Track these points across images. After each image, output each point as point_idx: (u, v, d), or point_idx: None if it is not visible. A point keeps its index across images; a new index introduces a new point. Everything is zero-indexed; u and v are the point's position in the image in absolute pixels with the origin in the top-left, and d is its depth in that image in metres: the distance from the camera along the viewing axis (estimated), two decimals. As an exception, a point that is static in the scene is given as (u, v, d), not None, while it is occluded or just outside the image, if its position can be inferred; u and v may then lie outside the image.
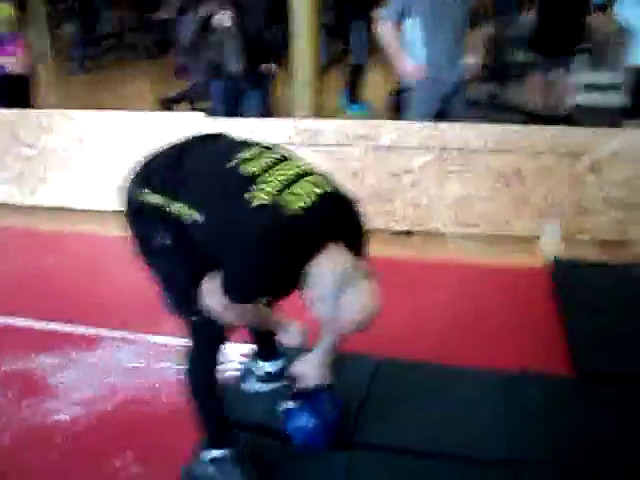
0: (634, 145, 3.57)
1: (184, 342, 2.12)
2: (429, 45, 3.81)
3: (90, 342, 3.05)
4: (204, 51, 4.06)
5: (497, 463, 2.20)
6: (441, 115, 3.89)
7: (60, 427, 2.53)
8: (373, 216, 3.71)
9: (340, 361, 2.32)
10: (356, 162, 3.85)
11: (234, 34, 4.02)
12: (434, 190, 3.83)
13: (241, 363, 2.71)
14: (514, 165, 3.71)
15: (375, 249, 1.95)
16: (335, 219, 1.86)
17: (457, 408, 2.46)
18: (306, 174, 1.87)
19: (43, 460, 2.37)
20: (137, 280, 3.38)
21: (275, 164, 1.89)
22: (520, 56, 5.87)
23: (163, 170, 1.98)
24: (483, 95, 5.92)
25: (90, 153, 4.29)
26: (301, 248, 1.78)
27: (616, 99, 5.41)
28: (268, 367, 2.56)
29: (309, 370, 2.24)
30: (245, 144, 2.01)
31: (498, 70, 6.25)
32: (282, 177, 1.83)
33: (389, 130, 3.79)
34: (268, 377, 2.57)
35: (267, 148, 1.98)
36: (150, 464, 2.34)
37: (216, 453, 2.18)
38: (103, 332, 3.12)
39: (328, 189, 1.86)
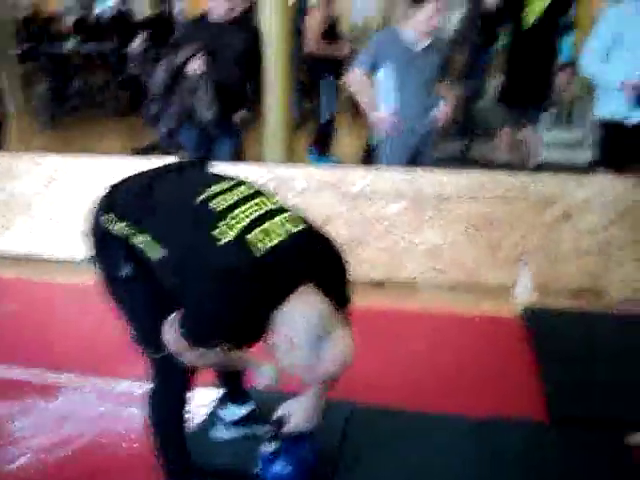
0: (605, 192, 3.59)
1: (147, 388, 2.03)
2: (400, 95, 3.84)
3: (50, 389, 2.91)
4: (176, 98, 4.04)
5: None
6: (411, 164, 3.90)
7: (17, 475, 2.39)
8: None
9: None
10: (327, 209, 3.81)
11: (206, 81, 4.02)
12: (407, 237, 3.80)
13: (206, 408, 2.60)
14: (485, 212, 3.70)
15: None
16: (309, 259, 1.75)
17: (432, 454, 2.40)
18: (279, 211, 1.79)
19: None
20: (100, 328, 3.38)
21: (247, 200, 1.80)
22: (489, 114, 5.98)
23: (132, 197, 1.91)
24: (453, 151, 6.00)
25: (56, 199, 4.19)
26: (270, 290, 1.67)
27: (582, 156, 5.55)
28: (237, 411, 2.45)
29: (299, 413, 2.10)
30: (218, 177, 1.95)
31: (467, 126, 6.35)
32: (253, 214, 1.75)
33: (360, 176, 3.78)
34: (237, 422, 2.46)
35: (240, 183, 1.90)
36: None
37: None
38: (64, 379, 2.98)
39: (302, 227, 1.77)
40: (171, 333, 1.77)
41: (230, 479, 2.28)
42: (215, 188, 1.83)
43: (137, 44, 7.97)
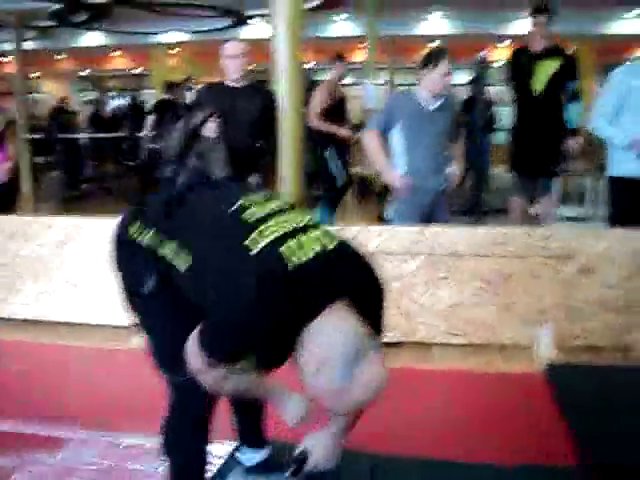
0: (625, 244, 3.54)
1: (154, 442, 1.93)
2: (412, 154, 3.87)
3: (54, 443, 2.78)
4: (190, 160, 4.07)
5: None
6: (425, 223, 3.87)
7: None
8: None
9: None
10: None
11: (221, 144, 4.06)
12: (422, 297, 3.73)
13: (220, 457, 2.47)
14: (500, 269, 3.64)
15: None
16: (345, 276, 1.66)
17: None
18: (315, 227, 1.72)
19: None
20: (109, 387, 3.29)
21: (281, 212, 1.74)
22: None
23: (161, 207, 1.86)
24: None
25: (68, 261, 4.16)
26: (303, 304, 1.56)
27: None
28: (254, 456, 2.33)
29: (320, 450, 1.97)
30: (252, 191, 1.91)
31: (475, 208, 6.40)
32: (287, 227, 1.67)
33: (375, 235, 3.74)
34: (254, 468, 2.33)
35: (274, 197, 1.86)
36: None
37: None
38: (67, 434, 2.86)
39: (337, 242, 1.69)
40: (194, 349, 1.66)
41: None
42: (249, 200, 1.77)
43: (149, 122, 8.36)
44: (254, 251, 1.59)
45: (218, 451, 2.52)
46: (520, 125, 4.90)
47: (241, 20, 11.36)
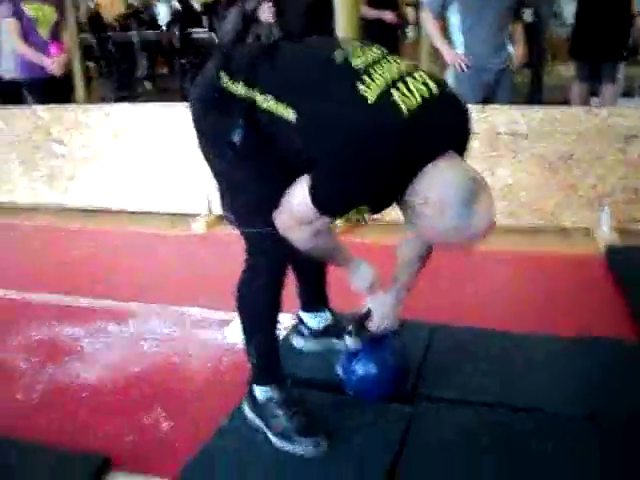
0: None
1: (220, 315, 1.96)
2: (471, 33, 3.75)
3: (122, 315, 2.91)
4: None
5: (568, 416, 2.00)
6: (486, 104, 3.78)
7: (88, 386, 2.39)
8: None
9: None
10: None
11: (276, 28, 3.99)
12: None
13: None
14: (562, 150, 3.56)
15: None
16: (450, 121, 1.64)
17: (522, 369, 2.27)
18: (416, 69, 1.66)
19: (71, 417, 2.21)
20: (170, 267, 3.40)
21: (383, 58, 1.66)
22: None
23: (252, 58, 1.73)
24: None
25: (126, 150, 4.22)
26: (420, 150, 1.55)
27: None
28: (313, 322, 2.38)
29: (383, 310, 2.02)
30: (345, 40, 1.85)
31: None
32: (393, 70, 1.61)
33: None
34: (313, 333, 2.39)
35: (371, 45, 1.75)
36: (181, 420, 2.16)
37: (261, 392, 1.98)
38: (135, 306, 2.98)
39: (439, 85, 1.63)
40: (294, 201, 1.65)
41: (309, 387, 2.19)
42: (348, 47, 1.70)
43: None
44: (371, 99, 1.54)
45: (284, 320, 2.60)
46: (586, 6, 4.65)
47: None
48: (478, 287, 3.10)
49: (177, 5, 12.04)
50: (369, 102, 1.53)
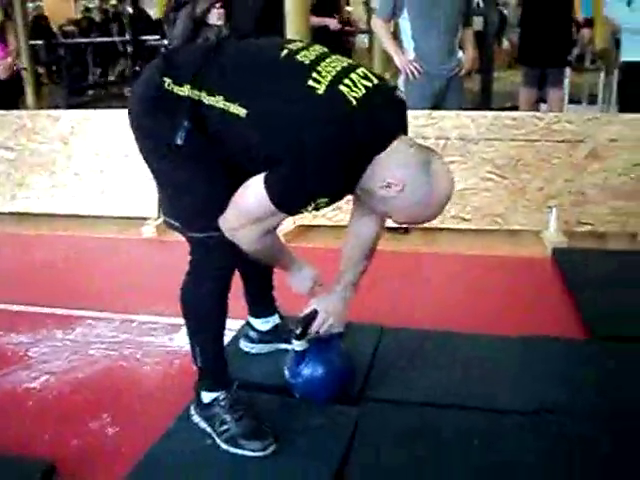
0: (635, 130, 3.49)
1: (170, 320, 1.95)
2: (421, 39, 3.79)
3: (68, 321, 2.86)
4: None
5: (508, 412, 2.04)
6: (436, 109, 3.82)
7: (33, 394, 2.33)
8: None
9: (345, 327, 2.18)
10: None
11: (226, 31, 3.97)
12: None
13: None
14: (510, 154, 3.62)
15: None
16: (392, 110, 1.72)
17: (471, 367, 2.30)
18: (357, 66, 1.72)
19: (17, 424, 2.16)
20: (119, 272, 3.35)
21: (325, 56, 1.72)
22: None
23: (197, 59, 1.74)
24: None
25: (75, 155, 4.16)
26: (374, 135, 1.63)
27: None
28: (262, 326, 2.38)
29: (328, 311, 2.03)
30: (289, 39, 1.94)
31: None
32: (337, 66, 1.67)
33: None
34: (261, 337, 2.39)
35: (312, 43, 1.83)
36: (128, 425, 2.13)
37: (208, 397, 1.96)
38: (81, 313, 2.93)
39: (379, 82, 1.70)
40: (247, 200, 1.66)
41: (257, 391, 2.19)
42: (292, 46, 1.74)
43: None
44: (321, 92, 1.59)
45: (232, 326, 2.59)
46: (529, 14, 4.74)
47: None
48: (428, 289, 3.13)
49: (130, 11, 11.97)
50: (320, 95, 1.59)
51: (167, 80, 1.72)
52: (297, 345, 2.06)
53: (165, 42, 7.89)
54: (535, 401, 2.07)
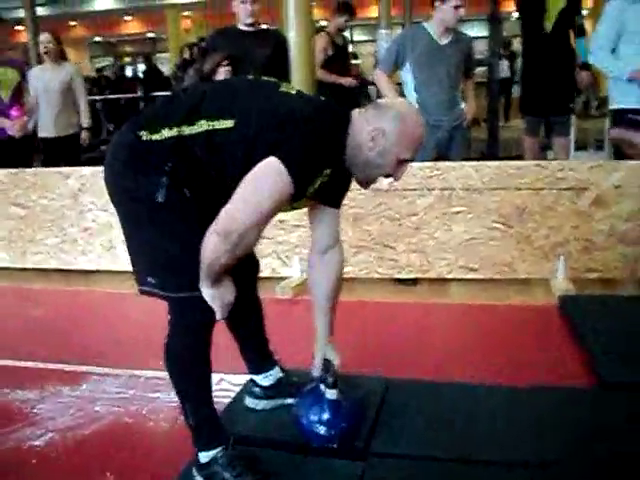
0: (638, 177, 3.51)
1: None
2: (423, 91, 3.86)
3: (74, 378, 2.86)
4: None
5: (515, 465, 2.00)
6: (440, 160, 3.86)
7: (37, 452, 2.31)
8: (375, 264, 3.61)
9: (350, 380, 2.22)
10: (356, 208, 3.77)
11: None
12: (438, 233, 3.73)
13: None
14: (515, 203, 3.63)
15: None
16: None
17: (477, 420, 2.26)
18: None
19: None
20: (126, 327, 3.36)
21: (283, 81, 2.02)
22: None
23: (168, 104, 1.92)
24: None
25: (85, 212, 4.22)
26: (339, 114, 1.93)
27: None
28: (263, 380, 2.36)
29: (333, 352, 2.15)
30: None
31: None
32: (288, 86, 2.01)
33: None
34: (265, 392, 2.37)
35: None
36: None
37: (205, 456, 1.95)
38: (89, 369, 2.93)
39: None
40: (260, 186, 1.74)
41: (263, 446, 2.17)
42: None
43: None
44: (293, 94, 1.93)
45: (238, 381, 2.59)
46: (530, 64, 4.75)
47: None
48: (438, 339, 3.12)
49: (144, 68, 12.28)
50: (294, 95, 1.93)
51: (142, 133, 1.80)
52: (331, 394, 2.07)
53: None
54: (543, 453, 2.04)
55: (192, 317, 1.89)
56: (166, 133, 1.79)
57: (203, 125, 1.78)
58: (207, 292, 1.83)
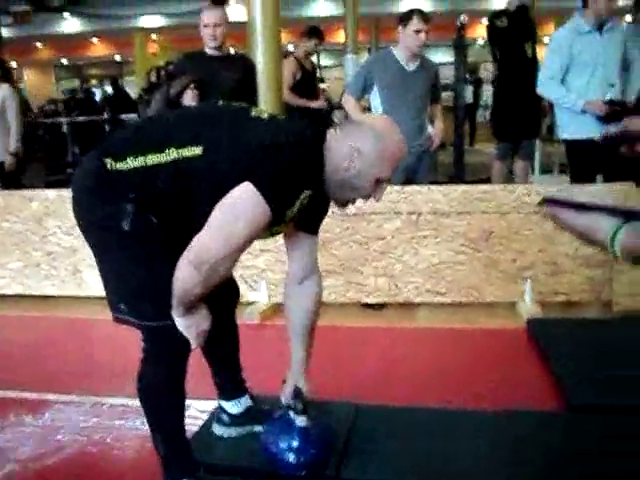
0: (603, 200, 3.54)
1: (139, 403, 1.94)
2: (391, 115, 3.85)
3: (37, 406, 2.78)
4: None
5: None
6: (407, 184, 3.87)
7: None
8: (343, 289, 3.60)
9: (320, 407, 2.19)
10: (323, 232, 3.74)
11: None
12: (405, 258, 3.74)
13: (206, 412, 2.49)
14: (482, 227, 3.66)
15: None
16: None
17: (446, 445, 2.25)
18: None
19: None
20: (88, 353, 3.30)
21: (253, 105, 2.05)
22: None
23: (135, 131, 1.90)
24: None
25: (49, 235, 4.14)
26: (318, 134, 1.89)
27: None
28: (233, 409, 2.32)
29: (303, 379, 2.14)
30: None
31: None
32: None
33: (356, 197, 3.73)
34: (233, 420, 2.33)
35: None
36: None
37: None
38: (51, 397, 2.86)
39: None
40: (234, 213, 1.70)
41: (230, 475, 2.14)
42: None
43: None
44: (265, 118, 1.88)
45: (205, 407, 2.56)
46: (507, 89, 4.83)
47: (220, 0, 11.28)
48: (405, 364, 3.11)
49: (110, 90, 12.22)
50: (264, 119, 1.88)
51: (107, 160, 1.78)
52: (300, 421, 2.05)
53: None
54: (514, 477, 2.04)
55: (165, 346, 1.86)
56: (131, 162, 1.76)
57: (172, 153, 1.75)
58: (180, 321, 1.80)
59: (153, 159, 1.75)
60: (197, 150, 1.74)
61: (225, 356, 2.28)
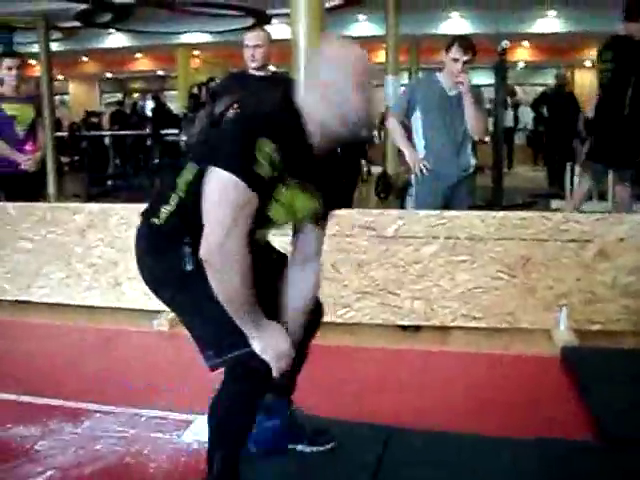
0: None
1: (178, 416, 1.97)
2: (431, 139, 3.93)
3: (77, 414, 2.85)
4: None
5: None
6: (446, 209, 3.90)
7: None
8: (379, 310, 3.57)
9: (350, 430, 2.22)
10: (361, 254, 3.80)
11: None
12: (442, 282, 3.75)
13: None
14: (519, 254, 3.66)
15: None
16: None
17: (480, 470, 2.27)
18: None
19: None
20: (129, 365, 3.37)
21: None
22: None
23: (161, 180, 2.02)
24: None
25: (93, 247, 4.25)
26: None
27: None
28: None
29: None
30: None
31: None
32: None
33: (393, 219, 3.78)
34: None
35: None
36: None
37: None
38: (91, 406, 2.92)
39: None
40: (213, 198, 1.74)
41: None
42: None
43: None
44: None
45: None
46: (609, 114, 4.67)
47: (263, 19, 11.47)
48: (438, 389, 3.11)
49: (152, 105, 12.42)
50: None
51: (153, 220, 1.91)
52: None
53: (183, 138, 8.15)
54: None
55: (244, 378, 1.87)
56: (168, 209, 1.89)
57: (181, 185, 1.89)
58: (256, 344, 1.82)
59: (175, 199, 1.88)
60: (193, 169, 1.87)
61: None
